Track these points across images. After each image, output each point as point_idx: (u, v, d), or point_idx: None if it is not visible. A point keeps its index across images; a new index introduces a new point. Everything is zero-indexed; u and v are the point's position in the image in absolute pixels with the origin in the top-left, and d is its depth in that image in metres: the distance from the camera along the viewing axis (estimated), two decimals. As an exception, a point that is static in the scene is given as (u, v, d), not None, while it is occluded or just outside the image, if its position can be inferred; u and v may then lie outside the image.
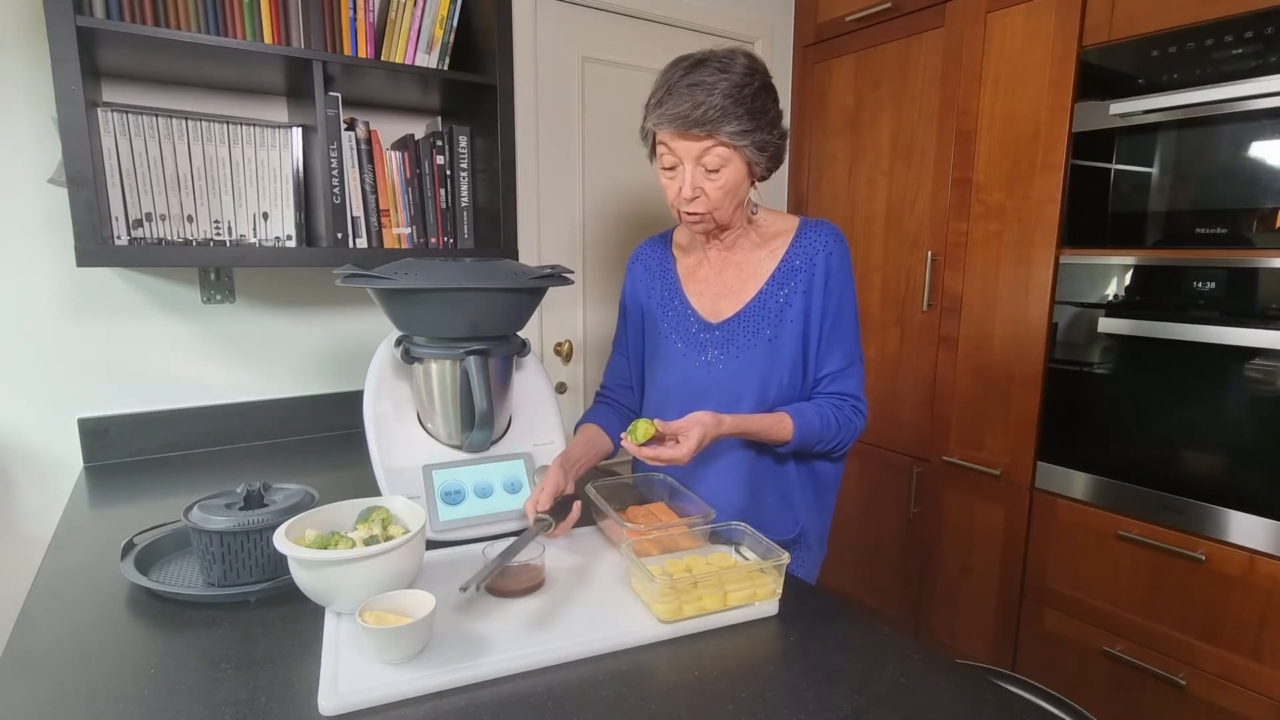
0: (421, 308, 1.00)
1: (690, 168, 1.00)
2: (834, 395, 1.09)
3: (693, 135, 0.97)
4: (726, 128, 0.96)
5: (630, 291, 1.25)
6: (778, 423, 1.03)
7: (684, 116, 0.96)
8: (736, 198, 1.04)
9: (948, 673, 0.74)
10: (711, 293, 1.15)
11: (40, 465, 1.40)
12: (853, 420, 1.08)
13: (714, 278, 1.15)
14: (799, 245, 1.09)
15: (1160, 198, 1.45)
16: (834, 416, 1.06)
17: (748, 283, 1.12)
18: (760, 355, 1.09)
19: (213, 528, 0.85)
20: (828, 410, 1.06)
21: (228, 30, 1.29)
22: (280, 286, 1.59)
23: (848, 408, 1.08)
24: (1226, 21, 1.33)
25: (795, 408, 1.06)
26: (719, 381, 1.10)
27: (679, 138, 0.99)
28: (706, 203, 1.02)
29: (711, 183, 1.01)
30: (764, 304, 1.09)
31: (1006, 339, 1.72)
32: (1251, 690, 1.36)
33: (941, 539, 1.91)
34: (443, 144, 1.58)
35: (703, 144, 0.98)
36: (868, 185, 2.05)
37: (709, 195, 1.02)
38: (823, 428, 1.05)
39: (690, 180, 1.00)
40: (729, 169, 1.00)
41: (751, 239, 1.13)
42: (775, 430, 1.03)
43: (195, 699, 0.67)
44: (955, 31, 1.78)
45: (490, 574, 0.78)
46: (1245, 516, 1.36)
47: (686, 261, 1.20)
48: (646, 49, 1.99)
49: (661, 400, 1.16)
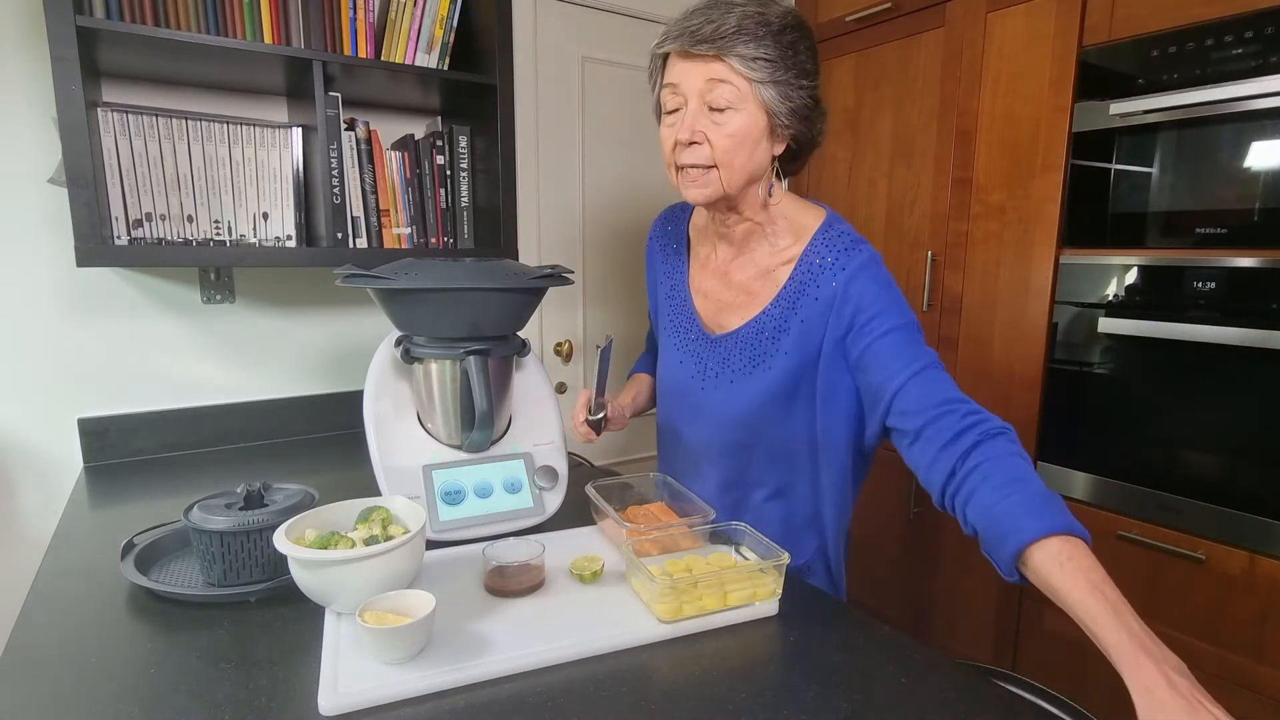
0: (421, 308, 1.00)
1: (695, 104, 0.83)
2: (945, 414, 0.80)
3: (699, 55, 0.81)
4: (740, 48, 0.79)
5: (649, 263, 1.15)
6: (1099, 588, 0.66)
7: (693, 31, 0.80)
8: (748, 157, 0.85)
9: (948, 673, 0.74)
10: (716, 298, 1.01)
11: (40, 465, 1.40)
12: (1012, 440, 0.80)
13: (721, 280, 1.01)
14: (809, 265, 0.91)
15: (1160, 198, 1.45)
16: (1021, 455, 0.77)
17: (756, 293, 0.96)
18: (756, 388, 0.96)
19: (213, 528, 0.85)
20: (1006, 466, 0.76)
21: (228, 30, 1.29)
22: (280, 286, 1.59)
23: (990, 429, 0.79)
24: (1226, 21, 1.33)
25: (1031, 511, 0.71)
26: (713, 402, 1.01)
27: (684, 60, 0.83)
28: (708, 152, 0.84)
29: (718, 127, 0.83)
30: (763, 326, 0.95)
31: (1006, 339, 1.72)
32: (1251, 690, 1.36)
33: (941, 539, 1.91)
34: (443, 144, 1.58)
35: (710, 68, 0.81)
36: (868, 185, 2.05)
37: (712, 142, 0.83)
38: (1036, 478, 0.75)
39: (691, 119, 0.83)
40: (740, 114, 0.82)
41: (770, 239, 0.95)
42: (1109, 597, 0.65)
43: (195, 699, 0.67)
44: (955, 31, 1.78)
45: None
46: (1245, 516, 1.35)
47: (700, 251, 1.05)
48: (646, 49, 1.98)
49: (661, 397, 1.15)
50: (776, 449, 1.00)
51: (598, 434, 1.10)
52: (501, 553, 0.88)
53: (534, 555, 0.88)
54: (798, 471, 1.01)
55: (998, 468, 0.76)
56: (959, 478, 0.79)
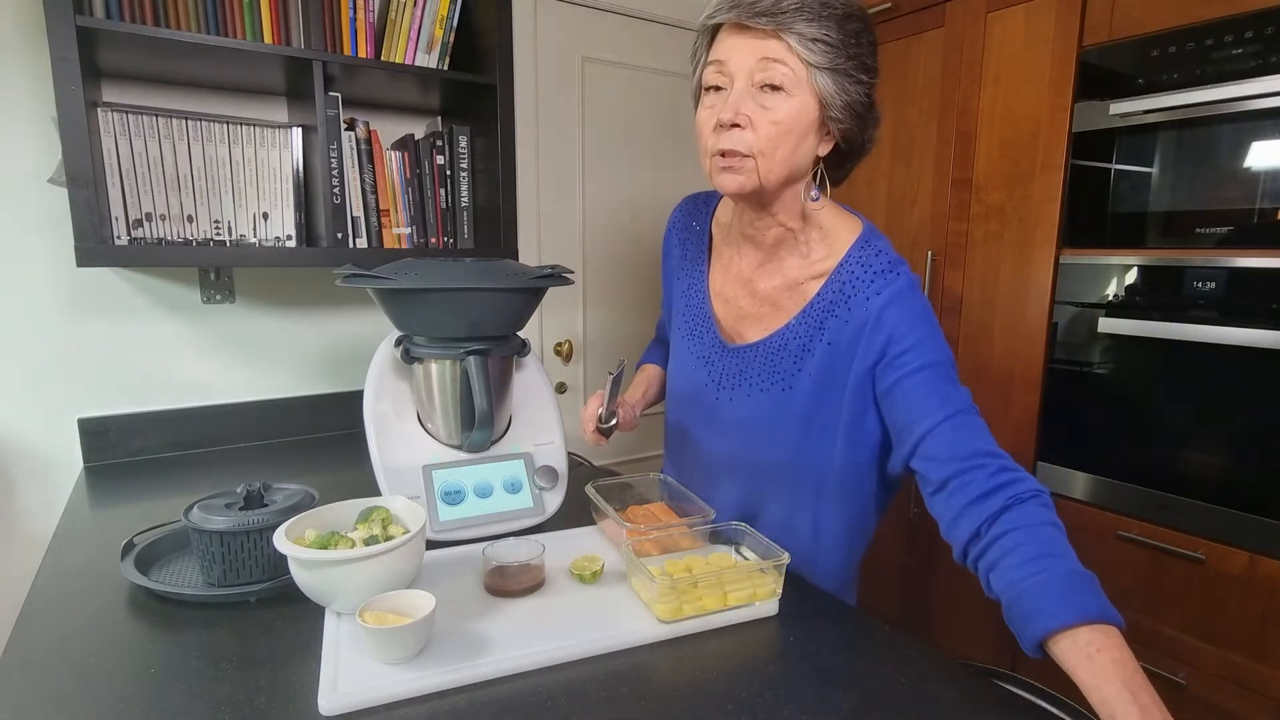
0: (421, 308, 1.00)
1: (742, 84, 0.76)
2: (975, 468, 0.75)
3: (755, 29, 0.74)
4: (801, 26, 0.73)
5: (665, 255, 1.08)
6: (1129, 687, 0.60)
7: (751, 3, 0.74)
8: (792, 150, 0.78)
9: (948, 673, 0.74)
10: (737, 306, 0.95)
11: (40, 465, 1.40)
12: (1047, 507, 0.74)
13: (744, 287, 0.94)
14: (841, 281, 0.85)
15: (1160, 198, 1.45)
16: (1051, 522, 0.72)
17: (782, 304, 0.90)
18: (768, 406, 0.90)
19: (213, 528, 0.85)
20: (1049, 532, 0.71)
21: (228, 30, 1.29)
22: (280, 286, 1.59)
23: (1022, 492, 0.74)
24: (1226, 21, 1.33)
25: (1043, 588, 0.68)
26: (725, 414, 0.97)
27: (735, 35, 0.76)
28: (751, 138, 0.76)
29: (765, 111, 0.76)
30: (788, 341, 0.88)
31: (1006, 339, 1.72)
32: (1251, 690, 1.36)
33: (941, 539, 1.91)
34: (443, 144, 1.58)
35: (765, 45, 0.74)
36: (868, 185, 2.05)
37: (756, 127, 0.76)
38: (1066, 545, 0.71)
39: (737, 99, 0.76)
40: (792, 100, 0.75)
41: (802, 250, 0.88)
42: (1140, 701, 0.59)
43: (195, 699, 0.67)
44: (955, 31, 1.78)
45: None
46: (1245, 516, 1.35)
47: (723, 253, 0.98)
48: (646, 49, 1.99)
49: (671, 397, 1.10)
50: (793, 469, 0.94)
51: (607, 439, 1.08)
52: (501, 553, 0.88)
53: (534, 555, 0.88)
54: (817, 494, 0.95)
55: (1028, 538, 0.71)
56: (985, 540, 0.74)
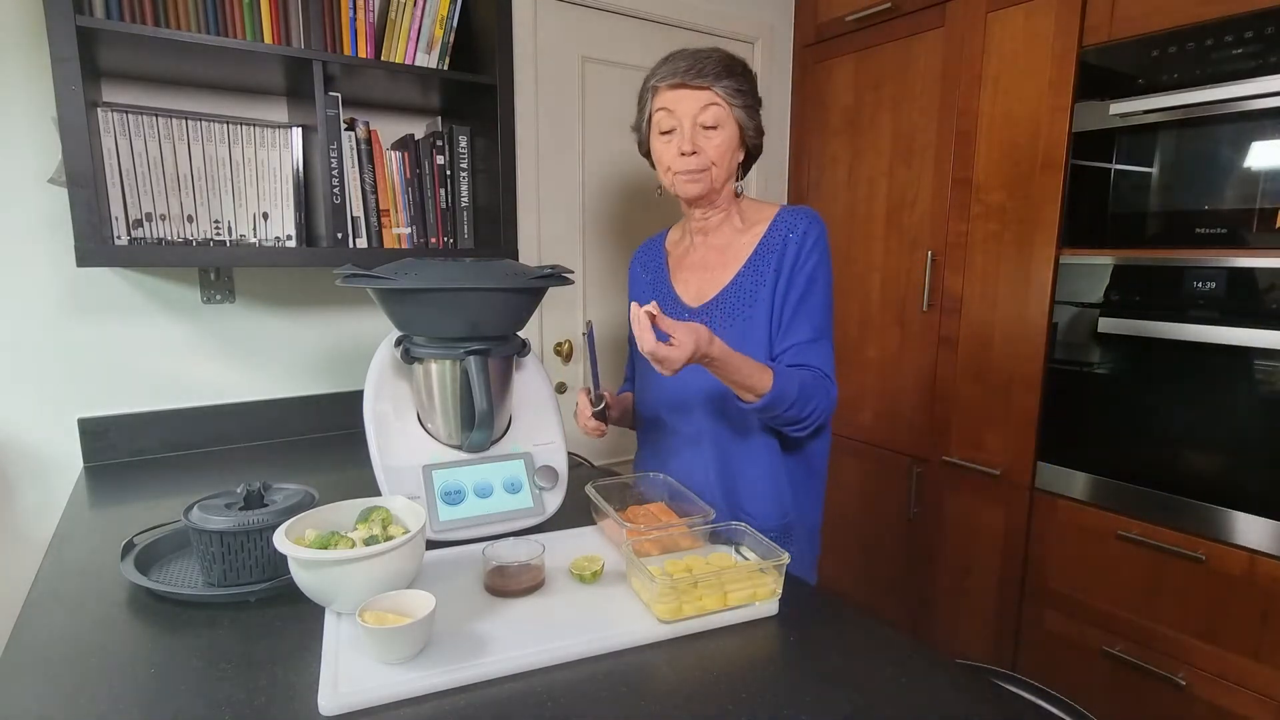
0: (421, 308, 1.00)
1: (689, 125, 1.08)
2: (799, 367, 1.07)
3: (693, 86, 1.06)
4: (723, 83, 1.06)
5: (632, 282, 1.32)
6: (760, 371, 0.99)
7: (685, 70, 1.06)
8: (730, 160, 1.12)
9: (948, 673, 0.74)
10: (696, 279, 1.20)
11: (40, 465, 1.39)
12: (828, 390, 1.07)
13: (698, 263, 1.20)
14: (776, 228, 1.14)
15: (1160, 198, 1.45)
16: (811, 383, 1.04)
17: (729, 265, 1.16)
18: (735, 336, 1.09)
19: (213, 528, 0.85)
20: (805, 376, 1.05)
21: (228, 30, 1.29)
22: (280, 286, 1.59)
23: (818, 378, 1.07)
24: (1226, 21, 1.33)
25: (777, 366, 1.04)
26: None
27: (679, 89, 1.07)
28: (704, 159, 1.09)
29: (708, 140, 1.08)
30: (741, 285, 1.13)
31: (1006, 339, 1.72)
32: (1251, 690, 1.36)
33: (941, 539, 1.91)
34: (443, 144, 1.58)
35: (701, 97, 1.06)
36: (868, 185, 2.05)
37: (706, 151, 1.09)
38: (800, 390, 1.02)
39: (689, 135, 1.08)
40: (724, 130, 1.09)
41: (734, 223, 1.18)
42: (756, 377, 0.99)
43: (195, 699, 0.67)
44: (955, 31, 1.78)
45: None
46: (1245, 516, 1.36)
47: (676, 254, 1.26)
48: (646, 49, 1.99)
49: (645, 373, 1.21)
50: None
51: (606, 424, 1.16)
52: (501, 553, 0.89)
53: (534, 555, 0.88)
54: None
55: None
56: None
